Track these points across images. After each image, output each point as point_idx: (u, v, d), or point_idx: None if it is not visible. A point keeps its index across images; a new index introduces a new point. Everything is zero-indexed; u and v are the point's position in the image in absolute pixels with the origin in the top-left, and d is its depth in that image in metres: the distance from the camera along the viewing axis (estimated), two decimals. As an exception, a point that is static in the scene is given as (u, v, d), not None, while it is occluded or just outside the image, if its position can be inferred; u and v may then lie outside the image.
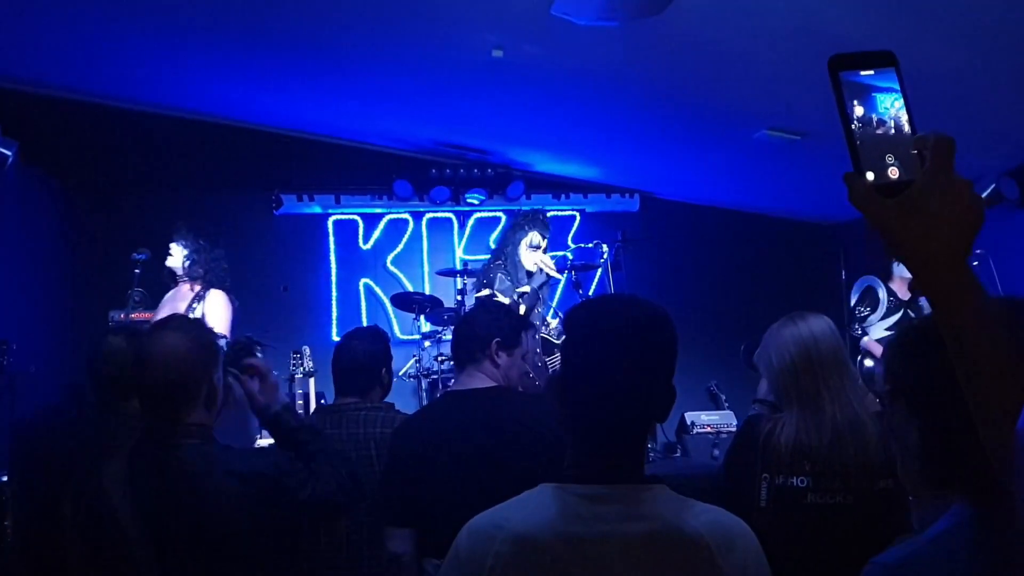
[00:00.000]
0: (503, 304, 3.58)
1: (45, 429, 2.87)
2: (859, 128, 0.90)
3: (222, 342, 4.93)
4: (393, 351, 3.11)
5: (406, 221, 7.89)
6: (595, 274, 6.88)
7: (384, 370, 2.98)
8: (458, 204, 7.81)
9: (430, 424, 2.50)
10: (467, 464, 2.31)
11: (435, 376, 6.00)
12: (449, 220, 7.98)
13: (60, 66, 6.25)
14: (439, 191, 7.64)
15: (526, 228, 5.36)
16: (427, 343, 6.25)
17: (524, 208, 7.92)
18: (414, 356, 6.25)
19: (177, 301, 5.02)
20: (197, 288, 5.03)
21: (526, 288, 5.08)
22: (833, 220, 8.35)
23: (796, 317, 2.38)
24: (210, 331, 2.06)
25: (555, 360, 4.78)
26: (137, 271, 5.13)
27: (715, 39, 4.61)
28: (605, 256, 5.79)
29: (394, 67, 5.61)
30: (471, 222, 8.00)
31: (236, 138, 7.36)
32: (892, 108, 0.91)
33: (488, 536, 1.31)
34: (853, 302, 5.88)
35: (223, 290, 5.04)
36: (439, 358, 5.94)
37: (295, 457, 2.05)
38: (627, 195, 8.11)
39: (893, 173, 0.88)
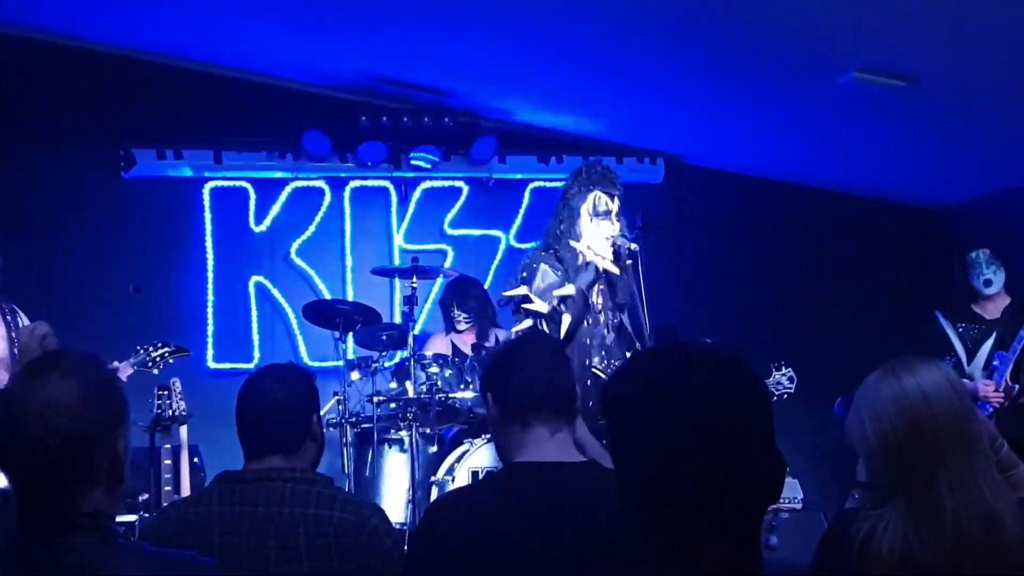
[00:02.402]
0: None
1: None
2: None
3: None
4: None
5: (320, 191, 7.96)
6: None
7: (315, 418, 3.11)
8: (399, 168, 7.88)
9: (498, 511, 2.54)
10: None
11: (367, 425, 6.08)
12: (384, 191, 8.06)
13: None
14: (371, 148, 7.71)
15: (584, 188, 5.11)
16: (355, 375, 6.34)
17: (495, 174, 8.06)
18: (336, 394, 6.33)
19: None
20: None
21: (569, 289, 4.89)
22: (945, 203, 8.61)
23: (899, 368, 2.43)
24: (109, 375, 2.16)
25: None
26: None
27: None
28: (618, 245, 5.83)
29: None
30: (417, 194, 8.08)
31: (67, 63, 7.37)
32: None
33: None
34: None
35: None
36: (375, 399, 6.02)
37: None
38: (646, 160, 8.25)
39: None
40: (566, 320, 4.85)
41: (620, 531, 2.24)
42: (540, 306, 4.88)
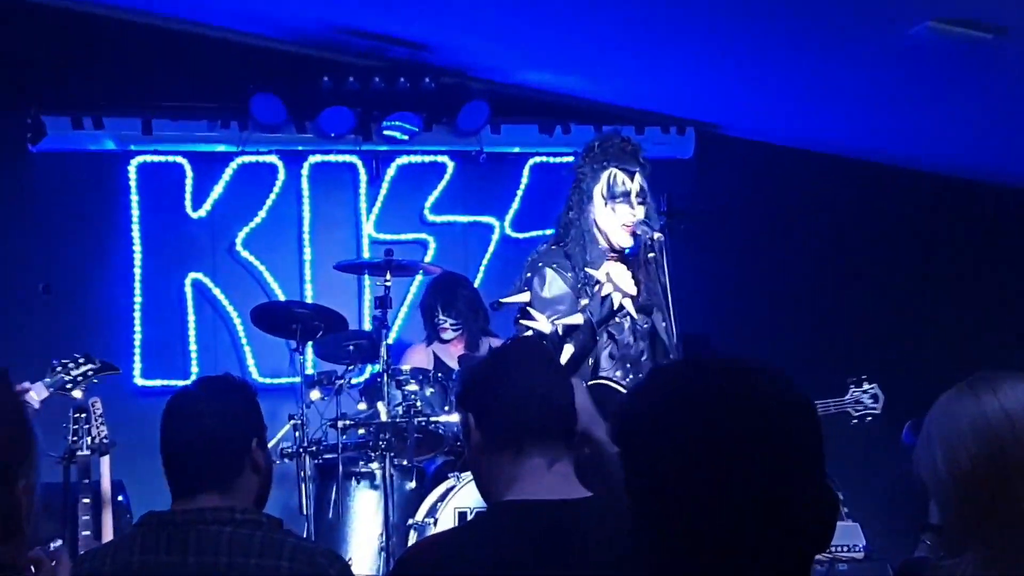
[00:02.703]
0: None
1: None
2: None
3: None
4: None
5: (273, 168, 7.94)
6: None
7: (255, 442, 3.10)
8: (369, 139, 7.87)
9: (488, 561, 2.54)
10: None
11: (331, 455, 6.03)
12: (351, 168, 8.05)
13: None
14: (334, 115, 7.68)
15: (597, 165, 5.13)
16: (315, 394, 6.28)
17: (488, 147, 8.02)
18: (292, 418, 6.23)
19: None
20: None
21: (577, 319, 4.94)
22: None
23: (979, 385, 2.40)
24: (14, 400, 2.12)
25: None
26: None
27: None
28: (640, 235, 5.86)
29: None
30: (391, 172, 8.07)
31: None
32: None
33: None
34: None
35: None
36: (340, 423, 5.97)
37: None
38: (673, 129, 8.24)
39: None
40: (567, 350, 4.90)
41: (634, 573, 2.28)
42: (543, 325, 4.92)
